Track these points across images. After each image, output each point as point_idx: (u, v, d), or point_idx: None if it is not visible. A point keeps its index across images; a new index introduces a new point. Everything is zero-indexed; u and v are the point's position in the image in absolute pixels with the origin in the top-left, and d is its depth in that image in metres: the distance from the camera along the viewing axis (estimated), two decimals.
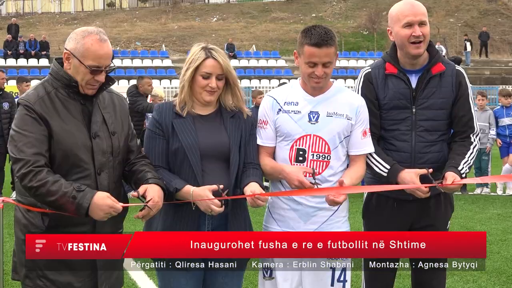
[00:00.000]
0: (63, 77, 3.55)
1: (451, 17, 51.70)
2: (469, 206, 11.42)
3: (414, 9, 4.03)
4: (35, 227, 3.54)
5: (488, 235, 9.06)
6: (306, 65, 3.88)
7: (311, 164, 3.93)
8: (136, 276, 7.05)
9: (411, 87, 4.15)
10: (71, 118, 3.54)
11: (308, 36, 3.85)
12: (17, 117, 3.52)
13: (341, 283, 4.01)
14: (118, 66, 39.35)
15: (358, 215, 4.46)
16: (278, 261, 3.98)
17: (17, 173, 3.40)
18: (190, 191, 3.62)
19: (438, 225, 4.26)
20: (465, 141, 4.19)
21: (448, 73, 4.18)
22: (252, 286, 5.77)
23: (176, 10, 57.73)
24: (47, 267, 3.53)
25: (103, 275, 3.64)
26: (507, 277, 7.03)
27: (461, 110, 4.19)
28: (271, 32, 50.48)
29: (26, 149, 3.40)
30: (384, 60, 4.24)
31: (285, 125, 3.96)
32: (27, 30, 45.44)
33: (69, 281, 3.56)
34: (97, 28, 3.63)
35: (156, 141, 3.81)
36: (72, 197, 3.35)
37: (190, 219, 3.74)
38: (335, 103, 3.98)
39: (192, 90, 3.80)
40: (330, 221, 4.00)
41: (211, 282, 3.91)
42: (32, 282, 3.56)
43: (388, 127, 4.19)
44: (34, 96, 3.51)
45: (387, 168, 4.06)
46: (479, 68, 43.04)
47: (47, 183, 3.36)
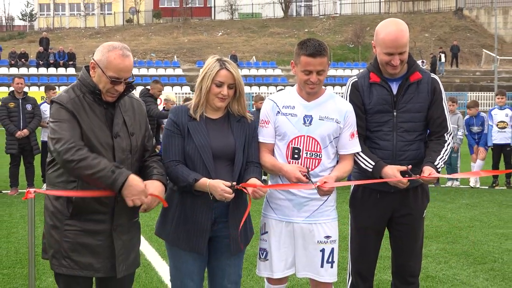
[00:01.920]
0: (89, 84, 3.56)
1: (426, 32, 51.71)
2: (441, 197, 11.42)
3: (396, 42, 3.98)
4: (61, 214, 3.54)
5: (458, 222, 9.13)
6: (302, 73, 3.88)
7: (305, 161, 3.93)
8: (151, 257, 7.06)
9: (392, 94, 4.14)
10: (96, 119, 3.55)
11: (304, 47, 3.85)
12: (53, 112, 3.53)
13: (329, 264, 4.00)
14: (136, 74, 39.23)
15: (345, 205, 4.45)
16: (273, 243, 4.00)
17: (59, 148, 3.37)
18: (207, 183, 3.62)
19: (416, 213, 4.25)
20: (440, 139, 4.18)
21: (425, 80, 4.17)
22: (252, 267, 5.76)
23: (186, 25, 57.76)
24: (71, 250, 3.53)
25: (120, 257, 3.62)
26: (474, 259, 7.03)
27: (436, 113, 4.18)
28: (269, 45, 50.50)
29: (65, 132, 3.42)
30: (369, 70, 4.23)
31: (283, 126, 3.95)
32: (57, 43, 45.47)
33: (90, 262, 3.55)
34: (122, 44, 3.62)
35: (174, 139, 3.79)
36: (111, 171, 3.35)
37: (201, 208, 3.74)
38: (326, 108, 3.97)
39: (206, 96, 3.79)
40: (321, 210, 3.99)
41: (216, 264, 3.90)
42: (58, 261, 3.55)
43: (373, 129, 4.18)
44: (66, 97, 3.53)
45: (372, 164, 4.06)
46: (451, 76, 43.13)
47: (88, 158, 3.36)
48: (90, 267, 3.55)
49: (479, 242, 7.85)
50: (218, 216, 3.78)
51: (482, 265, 6.78)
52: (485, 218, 9.48)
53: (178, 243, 3.78)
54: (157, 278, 6.29)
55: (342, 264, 5.33)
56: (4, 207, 10.59)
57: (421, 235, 4.35)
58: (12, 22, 71.98)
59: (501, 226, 8.90)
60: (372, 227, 4.26)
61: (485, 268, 6.66)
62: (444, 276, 6.35)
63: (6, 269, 6.68)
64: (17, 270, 6.65)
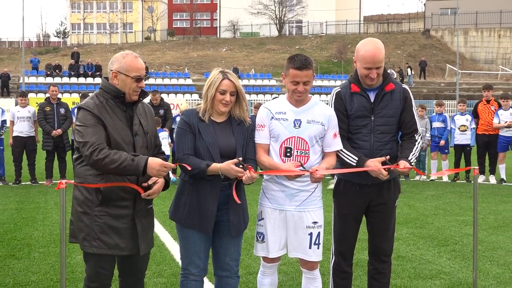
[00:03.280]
0: (112, 90, 3.57)
1: (399, 49, 51.68)
2: (411, 189, 11.43)
3: (374, 58, 3.97)
4: (91, 202, 3.53)
5: (425, 210, 9.14)
6: (291, 83, 3.87)
7: (296, 158, 3.91)
8: (164, 239, 7.05)
9: (370, 101, 4.13)
10: (118, 120, 3.56)
11: (293, 62, 3.85)
12: (80, 117, 3.53)
13: (316, 245, 4.00)
14: (152, 84, 39.34)
15: (329, 195, 4.44)
16: (269, 228, 3.99)
17: (86, 152, 3.40)
18: (218, 167, 3.62)
19: (389, 203, 4.24)
20: (412, 139, 4.18)
21: (397, 90, 4.17)
22: (250, 247, 5.75)
23: (195, 42, 57.72)
24: (100, 232, 3.53)
25: (142, 237, 3.63)
26: (438, 241, 7.04)
27: (407, 117, 4.17)
28: (265, 60, 50.48)
29: (90, 136, 3.43)
30: (350, 82, 4.22)
31: (276, 129, 3.94)
32: (86, 56, 45.44)
33: (116, 243, 3.55)
34: (129, 50, 3.73)
35: (186, 135, 3.77)
36: (131, 160, 3.38)
37: (208, 196, 3.74)
38: (313, 113, 3.96)
39: (211, 102, 3.78)
40: (309, 199, 3.98)
41: (219, 244, 3.89)
42: (89, 243, 3.55)
43: (354, 131, 4.16)
44: (91, 103, 3.54)
45: (356, 159, 4.05)
46: (419, 87, 43.12)
47: (110, 154, 3.39)
48: (116, 247, 3.56)
49: (442, 228, 7.86)
50: (221, 203, 3.78)
51: (445, 246, 6.79)
52: (448, 207, 9.49)
53: (190, 225, 3.78)
54: (169, 256, 6.29)
55: (326, 245, 5.31)
56: (40, 195, 10.60)
57: (393, 221, 4.34)
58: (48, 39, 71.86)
59: (461, 214, 8.91)
60: (352, 214, 4.25)
61: (447, 249, 6.67)
62: (412, 256, 6.35)
63: (42, 248, 6.69)
64: (51, 249, 6.65)
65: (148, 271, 5.68)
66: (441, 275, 5.64)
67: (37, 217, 8.58)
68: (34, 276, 5.60)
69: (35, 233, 7.45)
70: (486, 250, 6.60)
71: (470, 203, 9.86)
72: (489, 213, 8.95)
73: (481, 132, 12.35)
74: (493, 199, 10.26)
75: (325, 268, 5.09)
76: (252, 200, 3.98)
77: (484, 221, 8.28)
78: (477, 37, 52.92)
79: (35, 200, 10.08)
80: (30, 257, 6.28)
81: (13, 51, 57.80)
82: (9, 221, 8.24)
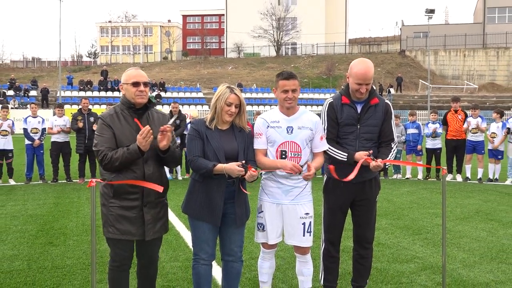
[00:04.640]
0: (126, 102, 3.64)
1: (378, 67, 51.60)
2: (389, 186, 11.40)
3: (365, 76, 3.98)
4: (107, 195, 3.59)
5: (401, 204, 9.12)
6: (281, 93, 3.90)
7: (290, 159, 3.90)
8: (179, 229, 7.05)
9: (357, 112, 4.12)
10: (129, 127, 3.59)
11: (281, 75, 3.94)
12: (97, 126, 3.64)
13: (309, 233, 3.99)
14: (169, 97, 39.41)
15: (319, 192, 4.44)
16: (268, 219, 3.98)
17: (98, 159, 3.53)
18: (223, 167, 3.61)
19: (371, 198, 4.23)
20: (388, 146, 4.17)
21: (381, 104, 4.16)
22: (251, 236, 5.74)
23: (206, 62, 57.82)
24: (114, 220, 3.56)
25: (149, 225, 3.61)
26: (412, 231, 7.02)
27: (386, 128, 4.17)
28: (265, 76, 50.50)
29: (100, 145, 3.53)
30: (341, 94, 4.22)
31: (272, 135, 3.94)
32: (113, 73, 45.45)
33: (128, 229, 3.56)
34: (133, 67, 3.78)
35: (196, 141, 3.77)
36: (126, 149, 3.45)
37: (216, 193, 3.73)
38: (302, 120, 3.97)
39: (219, 112, 3.78)
40: (301, 194, 3.98)
41: (225, 233, 3.88)
42: (106, 229, 3.59)
43: (342, 137, 4.16)
44: (106, 113, 3.64)
45: (345, 154, 4.06)
46: (396, 99, 43.14)
47: (112, 155, 3.47)
48: (128, 233, 3.57)
49: (416, 219, 7.84)
50: (227, 198, 3.77)
51: (418, 235, 6.77)
52: (421, 201, 9.46)
53: (200, 218, 3.77)
54: (184, 243, 6.28)
55: (317, 234, 5.32)
56: (74, 191, 10.62)
57: (374, 214, 4.33)
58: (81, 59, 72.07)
59: (432, 207, 8.88)
60: (339, 208, 4.24)
61: (420, 237, 6.65)
62: (391, 243, 6.34)
63: (76, 236, 6.69)
64: (83, 237, 6.64)
65: (166, 255, 5.68)
66: (415, 260, 5.62)
67: (71, 210, 8.59)
68: (69, 260, 5.60)
69: (69, 224, 7.45)
70: (453, 238, 6.58)
71: (439, 198, 9.86)
72: (456, 206, 8.93)
73: (450, 137, 12.34)
74: (460, 195, 10.23)
75: (316, 253, 5.08)
76: (252, 195, 3.98)
77: (452, 213, 8.26)
78: (445, 56, 52.93)
79: (69, 195, 10.10)
80: (65, 244, 6.28)
81: (51, 69, 57.94)
82: (48, 214, 8.25)
